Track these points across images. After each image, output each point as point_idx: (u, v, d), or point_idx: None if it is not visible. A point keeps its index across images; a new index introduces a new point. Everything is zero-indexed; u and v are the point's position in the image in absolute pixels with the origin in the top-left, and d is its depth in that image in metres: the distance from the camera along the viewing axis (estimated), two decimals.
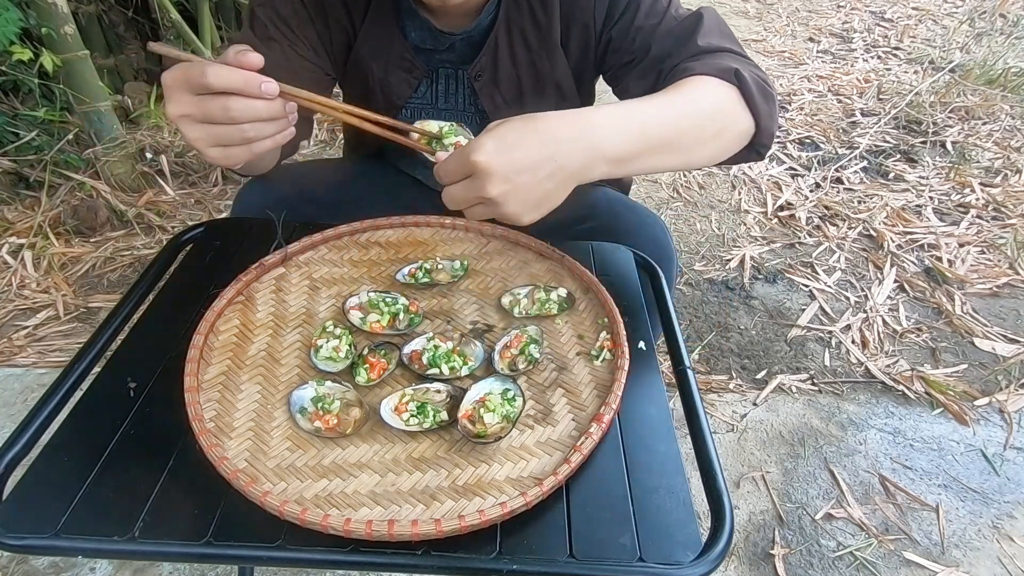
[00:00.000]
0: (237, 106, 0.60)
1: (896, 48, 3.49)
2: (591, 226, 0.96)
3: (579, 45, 0.90)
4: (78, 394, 0.66)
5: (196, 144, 0.62)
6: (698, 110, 0.73)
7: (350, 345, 0.71)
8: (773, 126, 0.78)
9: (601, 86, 0.99)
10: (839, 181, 2.38)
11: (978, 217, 2.19)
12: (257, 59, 0.61)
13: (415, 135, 0.76)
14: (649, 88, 0.79)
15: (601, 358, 0.71)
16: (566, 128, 0.65)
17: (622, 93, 0.91)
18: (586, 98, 1.00)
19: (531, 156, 0.62)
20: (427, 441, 0.62)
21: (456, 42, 0.91)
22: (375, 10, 0.90)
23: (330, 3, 0.89)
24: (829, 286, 1.89)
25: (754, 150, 0.80)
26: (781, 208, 2.23)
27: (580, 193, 1.03)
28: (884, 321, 1.77)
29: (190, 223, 1.81)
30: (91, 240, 1.94)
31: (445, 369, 0.68)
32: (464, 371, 0.68)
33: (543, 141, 0.63)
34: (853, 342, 1.70)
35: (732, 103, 0.75)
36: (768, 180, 2.38)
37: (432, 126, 0.77)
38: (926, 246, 2.05)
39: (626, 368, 0.68)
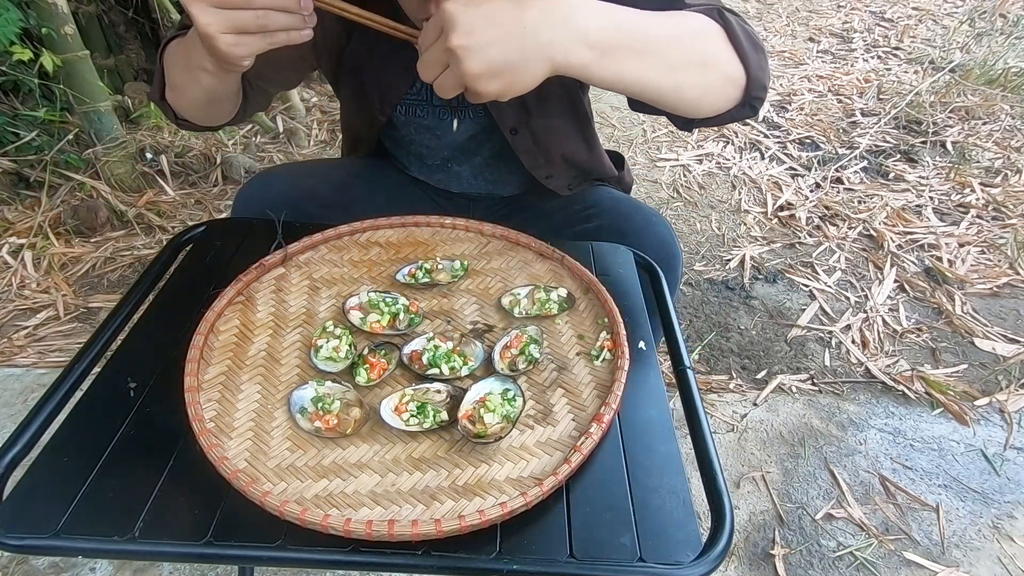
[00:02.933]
0: None
1: (896, 48, 3.49)
2: (597, 225, 0.96)
3: None
4: (78, 394, 0.66)
5: (208, 29, 0.61)
6: (680, 27, 0.71)
7: (350, 345, 0.71)
8: (764, 77, 0.76)
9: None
10: (839, 181, 2.38)
11: (978, 217, 2.19)
12: None
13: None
14: None
15: (601, 358, 0.71)
16: (542, 2, 0.62)
17: None
18: (584, 87, 1.00)
19: (500, 15, 0.60)
20: (427, 441, 0.62)
21: None
22: (371, 9, 0.91)
23: None
24: (829, 286, 1.89)
25: (748, 104, 0.77)
26: (781, 208, 2.23)
27: (587, 193, 1.04)
28: (884, 321, 1.77)
29: (190, 223, 1.81)
30: (91, 240, 1.94)
31: (445, 369, 0.68)
32: (464, 371, 0.68)
33: (517, 5, 0.61)
34: (853, 342, 1.70)
35: (717, 40, 0.73)
36: (768, 180, 2.38)
37: None
38: (926, 246, 2.05)
39: (626, 368, 0.68)
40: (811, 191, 2.33)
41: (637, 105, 0.81)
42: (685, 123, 0.80)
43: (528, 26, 0.60)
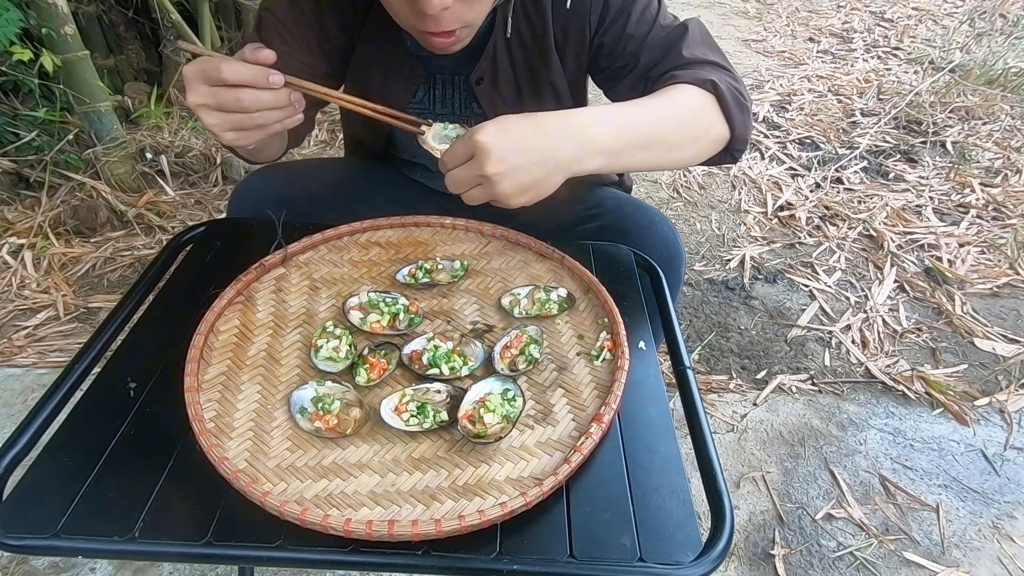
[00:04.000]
0: (247, 97, 0.67)
1: (896, 48, 3.49)
2: (600, 225, 0.97)
3: (573, 49, 0.92)
4: (78, 394, 0.66)
5: (213, 129, 0.69)
6: (677, 113, 0.79)
7: (350, 345, 0.71)
8: (747, 133, 0.85)
9: (595, 91, 1.01)
10: (839, 181, 2.38)
11: (978, 217, 2.18)
12: (270, 55, 0.68)
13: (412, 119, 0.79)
14: (638, 96, 0.84)
15: (601, 358, 0.71)
16: (557, 122, 0.72)
17: (614, 99, 0.95)
18: (580, 100, 1.02)
19: (525, 142, 0.68)
20: (427, 441, 0.62)
21: None
22: (374, 19, 0.92)
23: (329, 12, 0.90)
24: (829, 286, 1.89)
25: (729, 154, 0.86)
26: (781, 208, 2.23)
27: (589, 193, 1.05)
28: (884, 321, 1.77)
29: (190, 223, 1.81)
30: (91, 240, 1.94)
31: (445, 369, 0.68)
32: (464, 371, 0.68)
33: (537, 130, 0.70)
34: (853, 342, 1.70)
35: (709, 110, 0.81)
36: (768, 180, 2.38)
37: (437, 128, 0.77)
38: (926, 246, 2.05)
39: (626, 368, 0.68)
40: (811, 191, 2.33)
41: None
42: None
43: (549, 148, 0.69)
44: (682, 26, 0.88)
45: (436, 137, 0.76)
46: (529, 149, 0.68)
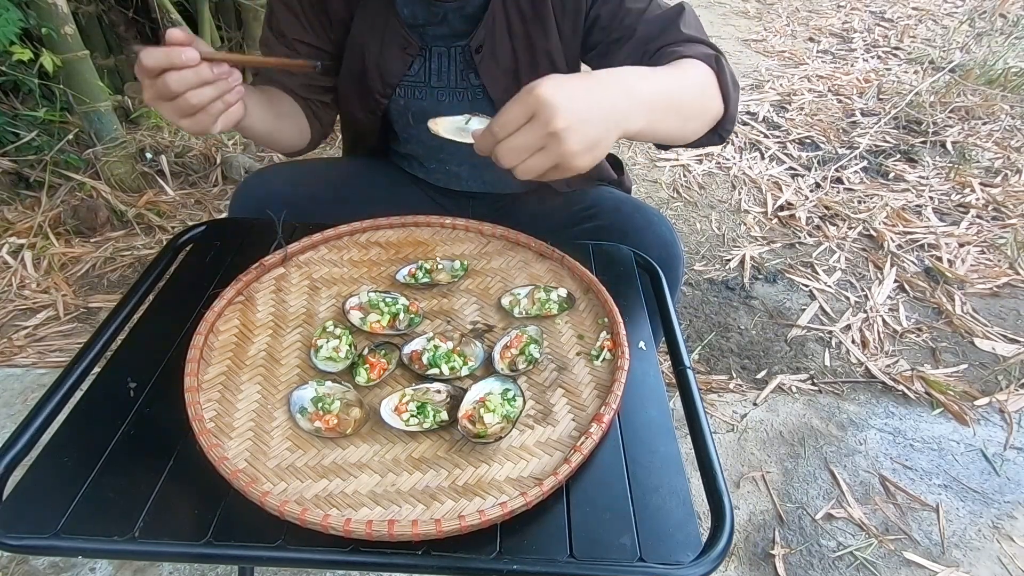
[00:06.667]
0: (172, 79, 0.65)
1: (896, 48, 3.49)
2: (598, 225, 0.97)
3: (570, 20, 0.93)
4: (78, 394, 0.66)
5: (171, 119, 0.69)
6: (695, 86, 0.79)
7: (350, 345, 0.71)
8: (736, 113, 0.85)
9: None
10: (839, 181, 2.38)
11: (978, 217, 2.19)
12: (180, 34, 0.66)
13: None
14: (636, 64, 0.84)
15: (601, 358, 0.71)
16: (609, 76, 0.68)
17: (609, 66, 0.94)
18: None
19: (586, 94, 0.63)
20: (427, 441, 0.62)
21: (448, 13, 0.93)
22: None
23: None
24: (829, 286, 1.89)
25: (717, 134, 0.85)
26: (781, 208, 2.23)
27: (587, 193, 1.05)
28: (884, 321, 1.77)
29: (190, 223, 1.81)
30: (91, 240, 1.94)
31: (445, 369, 0.68)
32: (464, 371, 0.68)
33: (595, 83, 0.66)
34: (853, 342, 1.70)
35: (713, 87, 0.82)
36: (768, 180, 2.38)
37: (445, 122, 0.73)
38: (926, 246, 2.05)
39: (626, 368, 0.68)
40: (811, 191, 2.33)
41: None
42: (662, 147, 0.92)
43: (609, 101, 0.65)
44: (679, 6, 0.90)
45: (450, 130, 0.72)
46: (592, 101, 0.63)
